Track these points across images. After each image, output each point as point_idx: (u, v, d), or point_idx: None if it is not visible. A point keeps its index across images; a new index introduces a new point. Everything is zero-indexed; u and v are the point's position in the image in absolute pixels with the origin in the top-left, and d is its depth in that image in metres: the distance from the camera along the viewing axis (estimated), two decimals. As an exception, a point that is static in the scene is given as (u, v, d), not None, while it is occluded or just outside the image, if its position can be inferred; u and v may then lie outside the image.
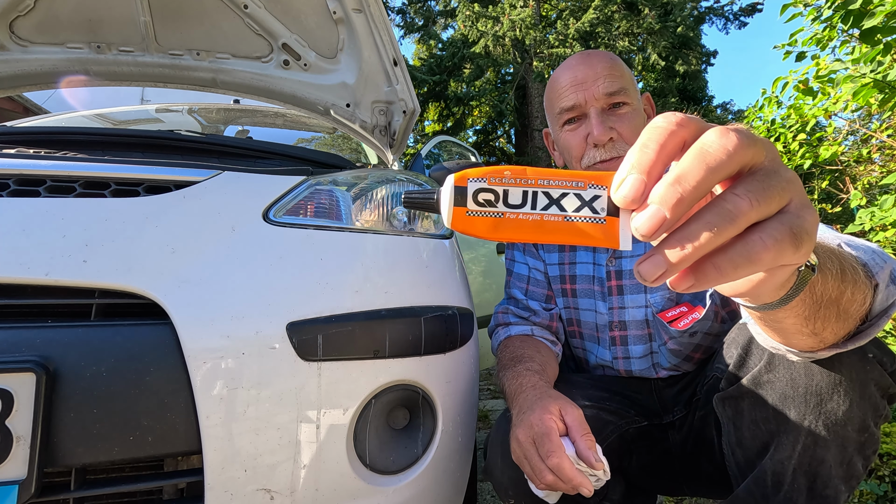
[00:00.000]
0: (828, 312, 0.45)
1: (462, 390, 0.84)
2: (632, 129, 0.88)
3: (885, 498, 1.36)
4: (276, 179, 0.88)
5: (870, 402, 0.60)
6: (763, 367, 0.64)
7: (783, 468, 0.63)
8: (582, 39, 11.20)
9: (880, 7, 1.59)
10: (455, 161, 2.60)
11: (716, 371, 0.78)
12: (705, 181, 0.26)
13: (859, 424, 0.60)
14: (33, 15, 1.36)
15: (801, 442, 0.61)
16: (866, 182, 3.20)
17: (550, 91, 0.94)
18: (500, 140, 13.93)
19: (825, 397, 0.59)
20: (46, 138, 1.01)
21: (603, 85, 0.87)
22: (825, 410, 0.60)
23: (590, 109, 0.88)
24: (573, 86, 0.88)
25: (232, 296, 0.70)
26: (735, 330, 0.72)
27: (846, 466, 0.62)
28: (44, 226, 0.69)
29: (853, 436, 0.60)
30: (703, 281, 0.29)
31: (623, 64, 0.92)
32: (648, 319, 0.92)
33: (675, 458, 0.91)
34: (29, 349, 0.61)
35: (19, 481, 0.58)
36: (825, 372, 0.60)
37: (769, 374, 0.64)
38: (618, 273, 0.93)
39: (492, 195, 0.32)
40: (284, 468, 0.69)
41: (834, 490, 0.62)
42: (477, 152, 3.84)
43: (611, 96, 0.87)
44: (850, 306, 0.47)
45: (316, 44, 1.45)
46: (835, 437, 0.60)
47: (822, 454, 0.61)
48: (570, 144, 0.91)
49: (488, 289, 2.80)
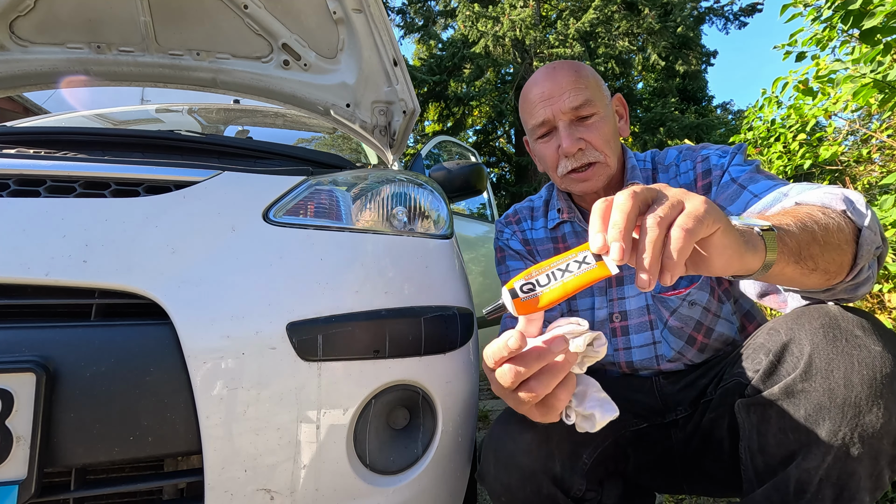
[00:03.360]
0: (811, 250, 0.58)
1: (462, 390, 0.84)
2: (600, 135, 0.91)
3: (886, 498, 1.36)
4: (276, 179, 0.88)
5: None
6: (799, 375, 0.62)
7: (809, 477, 0.62)
8: (582, 39, 11.20)
9: (880, 7, 1.59)
10: (455, 161, 2.60)
11: (737, 376, 0.76)
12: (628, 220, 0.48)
13: (895, 437, 0.59)
14: (33, 15, 1.36)
15: (833, 453, 0.60)
16: (866, 182, 3.21)
17: (522, 105, 0.98)
18: (500, 140, 13.93)
19: (864, 409, 0.58)
20: (46, 138, 1.01)
21: (568, 99, 0.90)
22: (862, 423, 0.58)
23: (558, 123, 0.92)
24: (541, 101, 0.92)
25: (232, 296, 0.70)
26: (765, 334, 0.70)
27: (875, 479, 0.61)
28: (44, 226, 0.69)
29: (887, 449, 0.59)
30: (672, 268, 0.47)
31: (589, 71, 0.95)
32: (649, 304, 0.93)
33: (676, 456, 0.90)
34: (29, 349, 0.61)
35: (19, 481, 0.58)
36: (866, 383, 0.58)
37: (805, 384, 0.62)
38: None
39: (530, 285, 0.52)
40: (284, 468, 0.69)
41: (859, 502, 0.61)
42: (477, 152, 3.84)
43: (576, 109, 0.90)
44: (829, 238, 0.60)
45: (316, 44, 1.45)
46: (869, 450, 0.59)
47: (854, 466, 0.60)
48: (544, 155, 0.96)
49: (488, 289, 2.80)
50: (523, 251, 1.08)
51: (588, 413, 0.60)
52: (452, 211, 1.08)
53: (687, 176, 0.95)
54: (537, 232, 1.09)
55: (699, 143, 1.00)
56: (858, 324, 0.62)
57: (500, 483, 0.78)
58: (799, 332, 0.64)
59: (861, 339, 0.60)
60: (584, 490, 0.80)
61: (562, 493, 0.78)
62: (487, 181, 2.14)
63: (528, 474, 0.77)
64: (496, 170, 13.99)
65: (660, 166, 1.00)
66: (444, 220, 1.00)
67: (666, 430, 0.92)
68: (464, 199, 1.86)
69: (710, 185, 0.90)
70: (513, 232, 1.11)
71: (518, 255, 1.08)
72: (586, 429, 0.61)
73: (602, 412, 0.59)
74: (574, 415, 0.61)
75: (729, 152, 0.91)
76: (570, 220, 1.03)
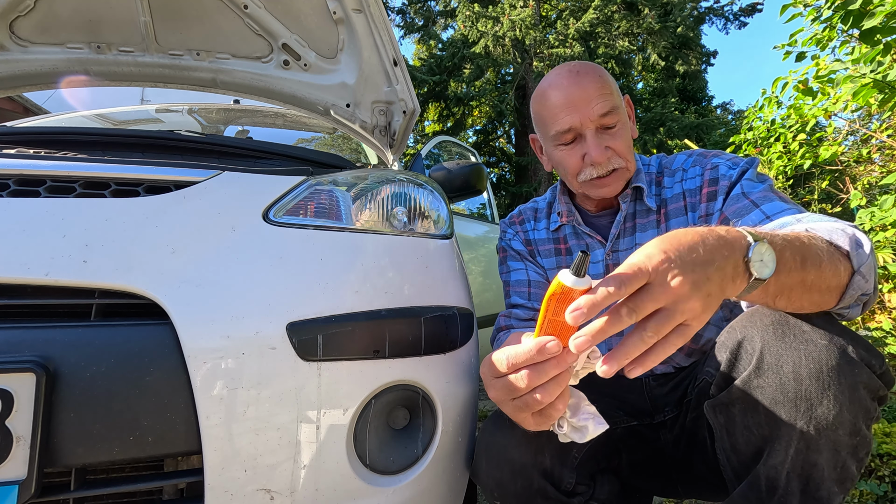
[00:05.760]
0: (792, 294, 0.60)
1: (462, 390, 0.84)
2: (623, 143, 0.91)
3: (885, 498, 1.36)
4: (276, 179, 0.88)
5: (860, 405, 0.60)
6: (752, 371, 0.64)
7: (777, 473, 0.63)
8: (582, 39, 11.21)
9: (880, 7, 1.59)
10: (455, 161, 2.60)
11: (706, 374, 0.78)
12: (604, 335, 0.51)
13: (850, 428, 0.60)
14: (33, 15, 1.36)
15: (794, 446, 0.62)
16: (866, 182, 3.21)
17: (541, 108, 0.95)
18: (500, 140, 13.93)
19: (815, 402, 0.60)
20: (46, 138, 1.01)
21: (597, 107, 0.88)
22: (815, 415, 0.60)
23: (585, 132, 0.90)
24: (567, 108, 0.90)
25: (232, 296, 0.70)
26: (725, 332, 0.72)
27: (839, 469, 0.62)
28: (44, 226, 0.69)
29: (845, 439, 0.61)
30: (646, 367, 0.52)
31: (608, 76, 0.94)
32: None
33: (668, 458, 0.91)
34: (29, 349, 0.61)
35: (19, 481, 0.58)
36: (813, 376, 0.60)
37: (759, 380, 0.64)
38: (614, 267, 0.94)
39: None
40: (284, 468, 0.69)
41: (827, 492, 0.62)
42: (477, 152, 3.84)
43: (603, 117, 0.89)
44: (820, 283, 0.60)
45: (316, 44, 1.45)
46: (826, 441, 0.60)
47: (815, 458, 0.61)
48: (565, 162, 0.95)
49: (488, 289, 2.80)
50: (525, 251, 1.09)
51: (581, 425, 0.62)
52: (452, 211, 1.08)
53: (693, 181, 0.94)
54: (539, 233, 1.10)
55: (711, 150, 0.98)
56: (806, 319, 0.64)
57: (492, 478, 0.78)
58: (751, 330, 0.66)
59: (808, 334, 0.62)
60: (573, 483, 0.81)
61: (552, 487, 0.78)
62: (487, 181, 2.14)
63: (519, 468, 0.77)
64: (496, 170, 13.99)
65: (666, 170, 0.99)
66: (444, 220, 1.00)
67: (655, 431, 0.93)
68: (464, 199, 1.86)
69: (716, 194, 0.89)
70: (515, 232, 1.12)
71: (519, 255, 1.09)
72: (575, 440, 0.62)
73: (594, 424, 0.61)
74: (566, 425, 0.62)
75: (740, 165, 0.90)
76: (570, 222, 1.03)
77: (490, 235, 3.07)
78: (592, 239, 1.01)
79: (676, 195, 0.95)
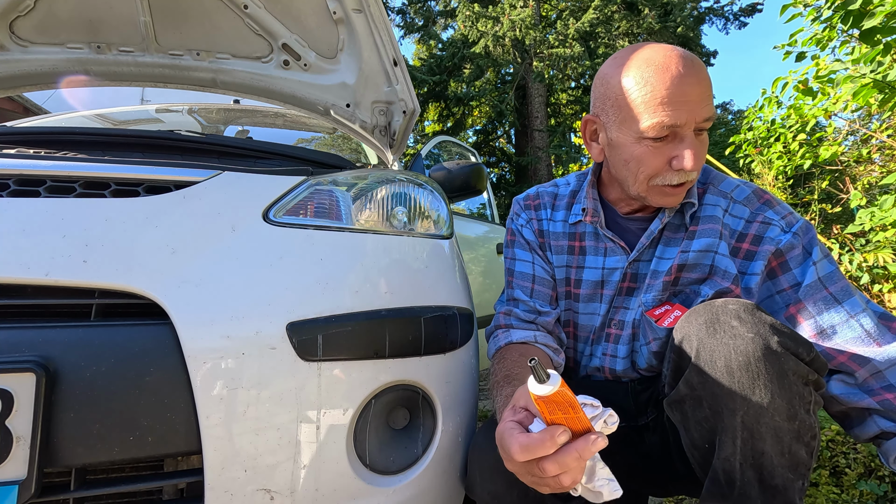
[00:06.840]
0: None
1: (462, 390, 0.84)
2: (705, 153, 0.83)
3: (885, 498, 1.36)
4: (276, 179, 0.88)
5: (791, 390, 0.63)
6: (691, 368, 0.67)
7: (731, 465, 0.65)
8: (582, 39, 11.21)
9: (880, 7, 1.60)
10: (455, 161, 2.60)
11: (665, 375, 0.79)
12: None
13: (786, 413, 0.63)
14: (33, 15, 1.36)
15: (739, 436, 0.64)
16: (866, 182, 3.21)
17: (638, 89, 0.78)
18: (500, 140, 13.93)
19: (748, 392, 0.63)
20: (46, 138, 1.01)
21: (706, 108, 0.76)
22: (752, 404, 0.63)
23: (686, 133, 0.78)
24: (679, 101, 0.75)
25: (232, 296, 0.70)
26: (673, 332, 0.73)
27: (788, 455, 0.64)
28: (44, 226, 0.69)
29: (784, 424, 0.63)
30: None
31: None
32: (635, 318, 0.92)
33: (655, 459, 0.91)
34: (29, 349, 0.61)
35: (19, 481, 0.58)
36: (743, 368, 0.63)
37: (699, 377, 0.66)
38: (633, 276, 0.93)
39: None
40: (284, 468, 0.69)
41: (782, 479, 0.64)
42: (477, 152, 3.84)
43: (706, 121, 0.78)
44: None
45: (316, 44, 1.45)
46: (767, 429, 0.63)
47: (761, 446, 0.64)
48: (647, 161, 0.81)
49: (488, 289, 2.80)
50: (535, 243, 1.01)
51: (597, 490, 0.62)
52: (452, 211, 1.08)
53: (737, 222, 0.86)
54: (555, 224, 1.01)
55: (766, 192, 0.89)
56: (735, 314, 0.66)
57: (488, 491, 0.78)
58: (689, 329, 0.69)
59: (736, 329, 0.65)
60: None
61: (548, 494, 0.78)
62: (487, 181, 2.13)
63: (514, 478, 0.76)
64: (496, 170, 13.99)
65: (711, 187, 0.91)
66: (444, 220, 1.00)
67: (640, 433, 0.94)
68: (464, 199, 1.86)
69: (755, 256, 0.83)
70: (528, 219, 1.03)
71: (528, 245, 1.02)
72: (589, 499, 0.63)
73: (610, 490, 0.62)
74: (581, 488, 0.63)
75: (793, 229, 0.82)
76: (594, 223, 0.94)
77: (490, 235, 3.07)
78: (614, 244, 0.93)
79: (715, 218, 0.87)
